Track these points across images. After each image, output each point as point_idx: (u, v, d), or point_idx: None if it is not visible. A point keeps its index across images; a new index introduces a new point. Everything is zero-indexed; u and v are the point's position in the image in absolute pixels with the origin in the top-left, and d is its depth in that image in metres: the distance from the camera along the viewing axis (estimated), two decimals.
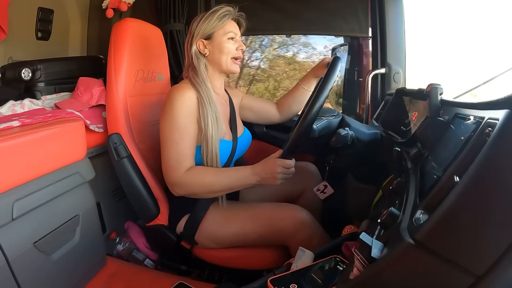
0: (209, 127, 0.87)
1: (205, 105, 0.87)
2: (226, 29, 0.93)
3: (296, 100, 1.12)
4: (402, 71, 1.27)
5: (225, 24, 0.93)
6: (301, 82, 1.11)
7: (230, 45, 0.93)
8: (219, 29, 0.93)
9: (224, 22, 0.92)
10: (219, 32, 0.93)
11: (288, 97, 1.14)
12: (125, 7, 1.47)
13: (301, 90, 1.10)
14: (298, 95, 1.11)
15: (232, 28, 0.94)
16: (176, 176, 0.86)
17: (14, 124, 0.83)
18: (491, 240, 0.33)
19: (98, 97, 1.15)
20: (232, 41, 0.94)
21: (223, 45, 0.93)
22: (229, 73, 0.98)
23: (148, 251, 1.18)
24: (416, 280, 0.37)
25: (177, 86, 0.90)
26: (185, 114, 0.87)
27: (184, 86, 0.89)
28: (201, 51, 0.94)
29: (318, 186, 0.97)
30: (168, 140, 0.87)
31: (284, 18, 1.41)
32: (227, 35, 0.93)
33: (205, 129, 0.88)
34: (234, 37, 0.94)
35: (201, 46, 0.94)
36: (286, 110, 1.15)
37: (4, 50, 1.28)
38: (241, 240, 0.95)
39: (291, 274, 0.58)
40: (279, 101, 1.17)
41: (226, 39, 0.93)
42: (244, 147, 1.04)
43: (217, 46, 0.93)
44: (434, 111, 0.64)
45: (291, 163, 0.86)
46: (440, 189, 0.41)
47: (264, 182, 0.87)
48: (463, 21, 1.37)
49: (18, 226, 0.77)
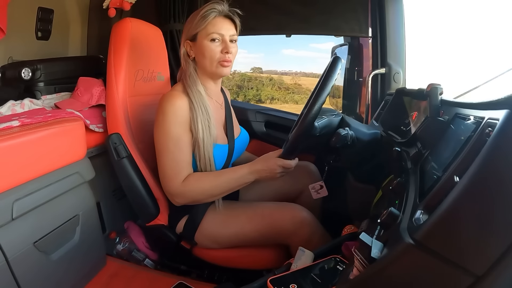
0: (199, 132, 0.85)
1: (195, 110, 0.85)
2: (209, 30, 0.84)
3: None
4: (402, 71, 1.27)
5: (207, 24, 0.84)
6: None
7: (213, 48, 0.84)
8: (202, 30, 0.85)
9: (206, 22, 0.84)
10: (201, 34, 0.85)
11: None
12: (128, 6, 1.46)
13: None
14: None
15: (217, 28, 0.84)
16: (174, 186, 0.85)
17: (14, 124, 0.82)
18: (491, 240, 0.33)
19: (98, 97, 1.15)
20: (217, 42, 0.85)
21: (205, 48, 0.85)
22: (217, 77, 0.92)
23: (148, 251, 1.18)
24: (416, 280, 0.37)
25: (167, 94, 0.87)
26: (177, 123, 0.84)
27: (175, 94, 0.85)
28: (188, 53, 0.89)
29: (314, 185, 0.97)
30: (163, 150, 0.86)
31: (284, 18, 1.41)
32: (209, 36, 0.84)
33: (196, 134, 0.85)
34: (217, 38, 0.85)
35: (188, 47, 0.89)
36: None
37: (4, 50, 1.28)
38: (241, 239, 0.95)
39: (291, 274, 0.58)
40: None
41: (208, 41, 0.84)
42: (241, 148, 1.03)
43: (200, 49, 0.86)
44: (434, 111, 0.64)
45: (292, 164, 0.85)
46: (440, 189, 0.41)
47: (263, 179, 0.88)
48: (463, 21, 1.37)
49: (18, 226, 0.77)
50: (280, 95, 6.80)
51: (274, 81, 5.68)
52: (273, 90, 6.82)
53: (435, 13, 1.44)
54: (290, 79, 6.87)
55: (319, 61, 10.22)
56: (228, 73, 0.90)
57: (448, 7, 1.43)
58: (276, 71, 6.91)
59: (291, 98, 6.81)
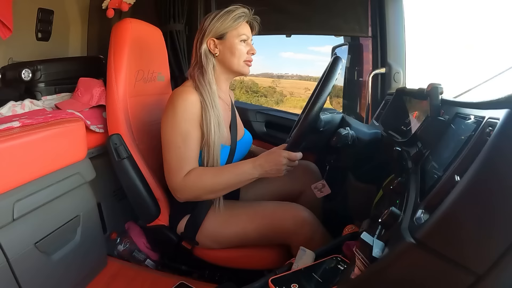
0: (211, 132, 0.85)
1: (208, 109, 0.85)
2: (240, 31, 0.91)
3: None
4: (402, 71, 1.27)
5: (239, 26, 0.91)
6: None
7: (242, 48, 0.91)
8: (233, 30, 0.90)
9: (239, 23, 0.90)
10: (232, 33, 0.90)
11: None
12: (126, 7, 1.46)
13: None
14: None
15: (246, 30, 0.92)
16: (176, 181, 0.85)
17: (14, 125, 0.83)
18: (492, 239, 0.33)
19: (98, 98, 1.15)
20: (244, 43, 0.92)
21: (235, 47, 0.90)
22: (240, 74, 0.96)
23: (149, 252, 1.18)
24: (417, 279, 0.38)
25: (180, 89, 0.88)
26: (188, 119, 0.85)
27: (187, 90, 0.86)
28: (211, 50, 0.91)
29: (316, 184, 0.97)
30: (170, 145, 0.86)
31: (284, 18, 1.41)
32: (240, 37, 0.91)
33: (208, 135, 0.86)
34: (246, 39, 0.92)
35: (211, 45, 0.91)
36: None
37: (4, 50, 1.28)
38: (242, 240, 0.95)
39: (292, 273, 0.59)
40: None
41: (239, 41, 0.91)
42: (244, 150, 1.03)
43: (229, 47, 0.91)
44: (434, 110, 0.64)
45: (297, 156, 0.84)
46: (441, 188, 0.41)
47: (268, 175, 0.86)
48: (463, 21, 1.37)
49: (19, 226, 0.77)
50: (245, 98, 6.98)
51: (244, 84, 5.74)
52: (241, 93, 6.99)
53: (435, 12, 1.44)
54: (271, 82, 6.94)
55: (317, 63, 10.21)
56: (248, 73, 0.97)
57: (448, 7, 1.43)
58: (272, 74, 6.96)
59: (256, 101, 7.02)
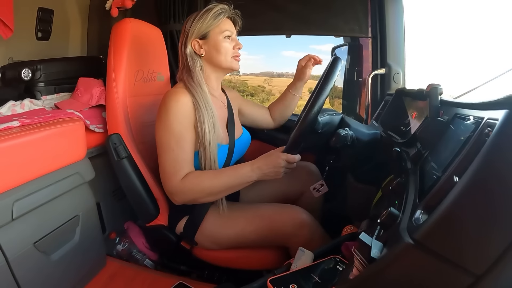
0: (206, 133, 0.85)
1: (201, 110, 0.85)
2: (222, 28, 0.90)
3: (287, 106, 1.16)
4: (402, 71, 1.27)
5: (221, 23, 0.90)
6: (289, 88, 1.14)
7: (227, 44, 0.91)
8: (215, 28, 0.90)
9: (220, 20, 0.90)
10: (215, 31, 0.90)
11: (278, 104, 1.17)
12: (130, 4, 1.46)
13: (290, 96, 1.14)
14: (288, 101, 1.15)
15: (228, 26, 0.91)
16: (173, 184, 0.84)
17: (14, 125, 0.83)
18: (491, 239, 0.33)
19: (98, 98, 1.15)
20: (229, 39, 0.91)
21: (220, 45, 0.90)
22: (230, 70, 0.96)
23: (148, 252, 1.18)
24: (415, 280, 0.37)
25: (171, 91, 0.87)
26: (181, 120, 0.84)
27: (179, 91, 0.86)
28: (197, 51, 0.91)
29: (315, 185, 0.96)
30: (164, 148, 0.85)
31: (284, 18, 1.41)
32: (223, 33, 0.90)
33: (202, 135, 0.85)
34: (230, 35, 0.91)
35: (196, 46, 0.91)
36: (278, 116, 1.18)
37: (4, 50, 1.28)
38: (241, 241, 0.95)
39: (291, 274, 0.58)
40: (271, 107, 1.19)
41: (223, 38, 0.90)
42: (242, 149, 1.03)
43: (214, 45, 0.90)
44: (434, 111, 0.64)
45: (295, 158, 0.84)
46: (440, 189, 0.41)
47: (266, 177, 0.85)
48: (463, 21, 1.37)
49: (18, 226, 0.77)
50: None
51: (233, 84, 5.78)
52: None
53: (435, 13, 1.44)
54: (263, 81, 6.95)
55: None
56: (238, 68, 0.96)
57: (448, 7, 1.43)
58: (273, 73, 6.97)
59: None
